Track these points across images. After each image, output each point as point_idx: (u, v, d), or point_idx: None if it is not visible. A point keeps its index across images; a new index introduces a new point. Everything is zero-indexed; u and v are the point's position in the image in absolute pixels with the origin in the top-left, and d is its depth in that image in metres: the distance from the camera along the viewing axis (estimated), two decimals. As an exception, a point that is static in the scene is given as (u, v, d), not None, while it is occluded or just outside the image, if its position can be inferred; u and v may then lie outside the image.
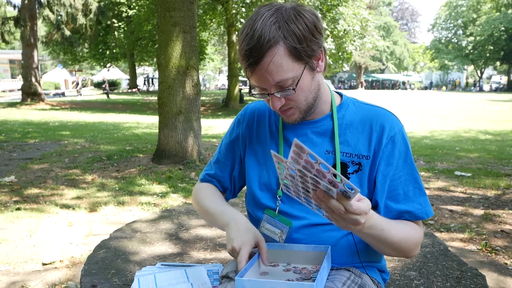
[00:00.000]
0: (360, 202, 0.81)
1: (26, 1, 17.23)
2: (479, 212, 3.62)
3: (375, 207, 1.08)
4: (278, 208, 1.13)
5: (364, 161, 1.08)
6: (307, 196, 0.87)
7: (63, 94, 27.44)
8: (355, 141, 1.09)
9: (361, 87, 49.70)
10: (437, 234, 3.10)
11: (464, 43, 46.39)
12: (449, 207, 3.76)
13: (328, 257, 1.02)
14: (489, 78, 58.35)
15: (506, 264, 2.57)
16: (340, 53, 17.50)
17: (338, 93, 1.19)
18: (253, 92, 1.06)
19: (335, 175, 0.75)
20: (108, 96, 26.77)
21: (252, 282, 0.91)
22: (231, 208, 1.17)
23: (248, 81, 1.08)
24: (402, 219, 1.07)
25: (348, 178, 1.07)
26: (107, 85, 28.47)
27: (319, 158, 0.74)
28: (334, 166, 1.08)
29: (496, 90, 45.21)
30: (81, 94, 26.91)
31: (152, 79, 41.94)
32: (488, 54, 43.23)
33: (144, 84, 41.39)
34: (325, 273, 0.98)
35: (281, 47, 0.94)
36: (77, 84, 26.87)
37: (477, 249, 2.82)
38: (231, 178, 1.28)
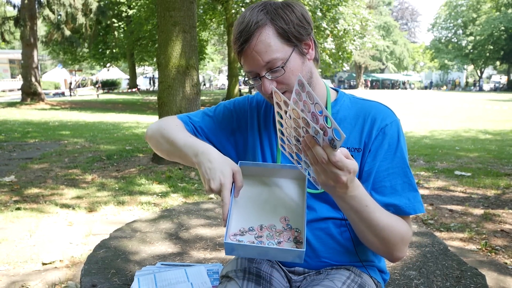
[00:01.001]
0: (347, 159, 0.80)
1: (26, 1, 17.21)
2: (479, 211, 3.62)
3: None
4: None
5: (356, 153, 1.07)
6: (298, 150, 0.88)
7: (63, 94, 27.38)
8: (347, 135, 1.09)
9: (364, 87, 49.68)
10: (437, 234, 3.11)
11: (464, 43, 46.37)
12: (449, 207, 3.76)
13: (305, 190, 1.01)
14: (489, 77, 58.34)
15: (506, 263, 2.58)
16: (340, 53, 17.48)
17: (334, 89, 1.20)
18: (247, 80, 1.07)
19: (327, 121, 0.76)
20: (98, 96, 26.62)
21: (242, 245, 0.89)
22: (201, 141, 1.10)
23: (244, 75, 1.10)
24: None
25: None
26: (100, 85, 28.37)
27: (315, 97, 0.76)
28: None
29: (496, 89, 45.20)
30: (75, 94, 26.53)
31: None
32: (488, 54, 43.19)
33: (149, 83, 41.08)
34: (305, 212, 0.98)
35: (269, 28, 1.00)
36: (71, 83, 26.59)
37: (477, 248, 2.82)
38: (210, 138, 1.22)
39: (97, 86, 28.26)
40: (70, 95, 25.80)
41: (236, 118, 1.23)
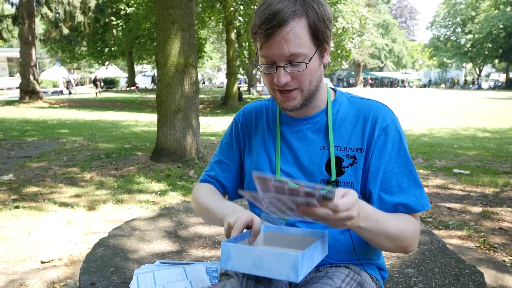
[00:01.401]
0: (344, 198, 0.80)
1: (24, -1, 17.18)
2: (477, 209, 3.62)
3: (369, 199, 1.09)
4: None
5: (358, 154, 1.08)
6: (292, 211, 0.86)
7: (61, 92, 27.31)
8: (348, 135, 1.09)
9: (364, 85, 49.69)
10: (436, 232, 3.11)
11: (462, 41, 46.40)
12: (448, 205, 3.77)
13: (323, 241, 0.98)
14: (488, 76, 58.38)
15: (504, 261, 2.58)
16: (339, 51, 17.48)
17: (332, 88, 1.20)
18: (260, 65, 1.04)
19: (307, 188, 0.75)
20: (97, 94, 26.49)
21: (238, 248, 0.88)
22: (230, 203, 1.15)
23: (254, 63, 1.07)
24: (397, 212, 1.07)
25: (343, 172, 1.08)
26: (100, 83, 28.22)
27: (283, 178, 0.76)
28: (329, 161, 1.08)
29: (495, 88, 45.27)
30: (70, 92, 26.21)
31: None
32: (486, 52, 43.21)
33: (152, 82, 40.84)
34: (318, 255, 0.94)
35: (304, 20, 0.97)
36: (67, 82, 26.28)
37: (476, 246, 2.83)
38: (233, 178, 1.27)
39: (99, 84, 27.94)
40: (70, 93, 25.66)
41: (237, 144, 1.26)
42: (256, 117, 1.23)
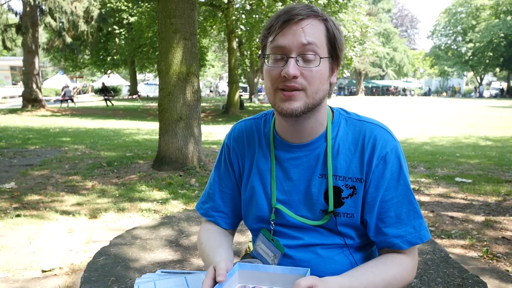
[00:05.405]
0: None
1: (27, 8, 17.33)
2: (480, 218, 3.61)
3: (366, 227, 1.07)
4: (272, 231, 1.11)
5: (358, 184, 1.04)
6: None
7: (66, 101, 27.29)
8: (348, 163, 1.05)
9: (392, 94, 49.81)
10: (438, 241, 3.09)
11: (463, 50, 46.58)
12: (450, 214, 3.75)
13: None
14: (489, 84, 58.45)
15: (508, 271, 2.56)
16: (340, 59, 17.53)
17: (330, 108, 1.13)
18: (267, 62, 0.99)
19: None
20: (110, 103, 26.34)
21: None
22: (218, 255, 1.08)
23: (260, 56, 1.04)
24: (395, 247, 1.03)
25: (343, 203, 1.04)
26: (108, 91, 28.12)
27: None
28: (328, 190, 1.04)
29: (496, 96, 45.29)
30: (64, 101, 25.53)
31: None
32: (487, 61, 43.36)
33: None
34: None
35: (322, 24, 0.98)
36: (64, 93, 25.91)
37: (478, 256, 2.81)
38: (236, 205, 1.21)
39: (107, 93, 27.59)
40: (73, 102, 25.53)
41: (232, 170, 1.20)
42: (248, 141, 1.16)
